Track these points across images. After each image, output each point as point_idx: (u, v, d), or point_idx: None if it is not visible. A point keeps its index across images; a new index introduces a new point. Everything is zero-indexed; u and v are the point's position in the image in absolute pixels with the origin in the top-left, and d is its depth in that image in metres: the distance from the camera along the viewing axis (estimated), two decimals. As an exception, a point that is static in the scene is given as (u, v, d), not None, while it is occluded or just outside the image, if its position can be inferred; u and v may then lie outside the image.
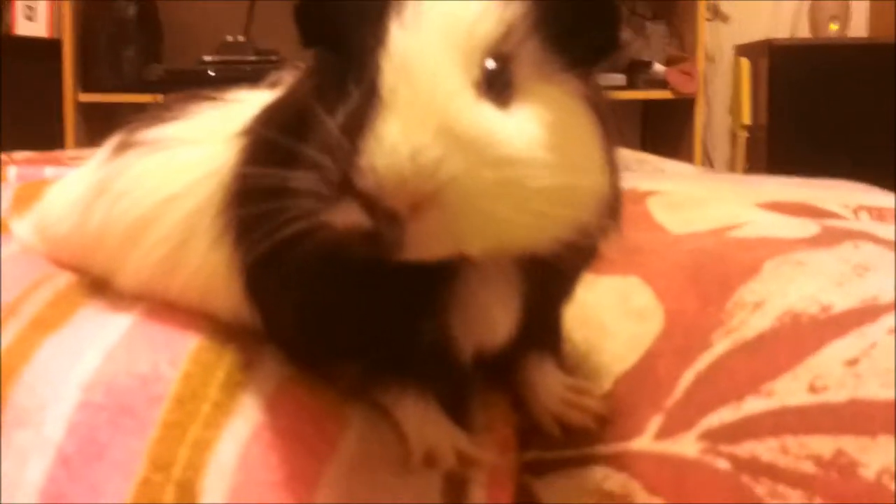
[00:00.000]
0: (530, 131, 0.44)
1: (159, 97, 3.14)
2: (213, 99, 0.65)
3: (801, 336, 0.59)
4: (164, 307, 0.62)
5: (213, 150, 0.58)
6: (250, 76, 3.00)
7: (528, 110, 0.45)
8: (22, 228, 0.79)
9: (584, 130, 0.48)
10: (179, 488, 0.49)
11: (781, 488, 0.49)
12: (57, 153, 1.68)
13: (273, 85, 0.65)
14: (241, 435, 0.51)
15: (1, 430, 0.50)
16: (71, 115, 2.99)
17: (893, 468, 0.48)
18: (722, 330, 0.61)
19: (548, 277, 0.52)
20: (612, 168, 0.50)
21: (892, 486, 0.48)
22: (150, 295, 0.63)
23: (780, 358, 0.57)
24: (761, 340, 0.59)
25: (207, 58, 3.24)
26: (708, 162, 3.39)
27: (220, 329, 0.60)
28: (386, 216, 0.41)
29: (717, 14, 3.45)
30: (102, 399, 0.52)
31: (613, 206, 0.51)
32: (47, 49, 3.01)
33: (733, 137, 3.45)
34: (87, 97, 3.03)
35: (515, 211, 0.43)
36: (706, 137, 3.36)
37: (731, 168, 3.45)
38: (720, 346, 0.59)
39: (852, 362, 0.56)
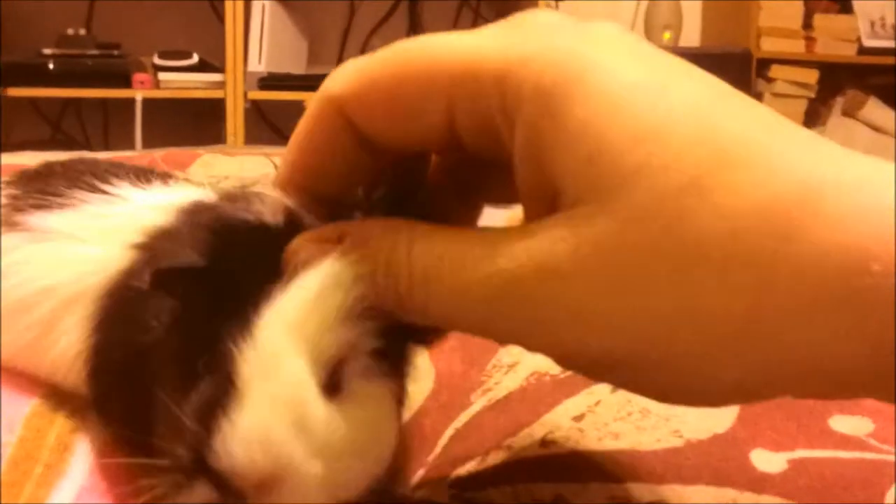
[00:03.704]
0: (357, 428, 0.53)
1: (-3, 91, 3.09)
2: (100, 190, 0.68)
3: (542, 395, 0.73)
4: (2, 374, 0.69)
5: (96, 251, 0.63)
6: (92, 70, 2.99)
7: (354, 409, 0.53)
8: None
9: (392, 424, 0.57)
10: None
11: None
12: None
13: (165, 181, 0.70)
14: (67, 495, 0.60)
15: None
16: None
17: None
18: (480, 390, 0.74)
19: None
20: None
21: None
22: (15, 369, 0.69)
23: (522, 415, 0.71)
24: (509, 399, 0.73)
25: (47, 51, 3.18)
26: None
27: (52, 395, 0.68)
28: (235, 494, 0.49)
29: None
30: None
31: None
32: None
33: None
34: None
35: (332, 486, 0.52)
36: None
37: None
38: (477, 404, 0.72)
39: (578, 418, 0.70)
